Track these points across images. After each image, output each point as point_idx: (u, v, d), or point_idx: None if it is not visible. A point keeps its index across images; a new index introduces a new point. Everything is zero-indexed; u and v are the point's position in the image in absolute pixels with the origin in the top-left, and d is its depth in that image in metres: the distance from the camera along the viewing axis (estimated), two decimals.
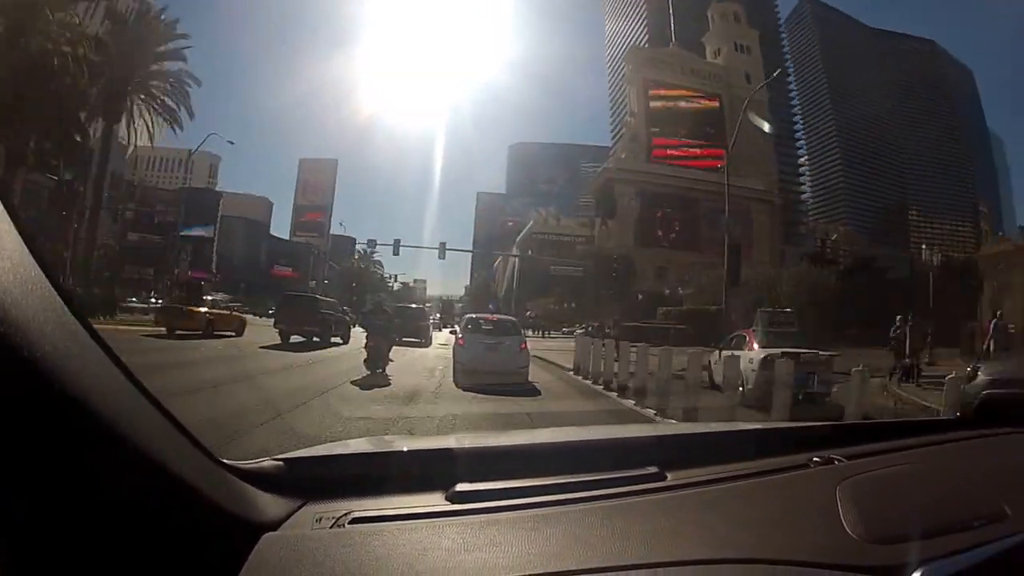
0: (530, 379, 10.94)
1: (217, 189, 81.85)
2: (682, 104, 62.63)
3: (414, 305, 26.84)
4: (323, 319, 18.19)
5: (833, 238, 68.21)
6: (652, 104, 65.02)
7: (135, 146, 36.34)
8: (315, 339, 17.39)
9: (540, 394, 9.81)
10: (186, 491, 0.73)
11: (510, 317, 15.16)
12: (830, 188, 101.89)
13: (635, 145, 63.60)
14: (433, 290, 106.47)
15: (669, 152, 63.82)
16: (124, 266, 60.11)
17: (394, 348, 12.19)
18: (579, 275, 52.23)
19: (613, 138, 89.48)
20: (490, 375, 9.61)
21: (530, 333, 40.88)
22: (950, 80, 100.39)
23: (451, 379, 10.27)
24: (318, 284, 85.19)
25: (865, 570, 0.82)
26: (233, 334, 18.68)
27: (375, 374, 10.29)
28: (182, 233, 71.01)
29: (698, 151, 64.05)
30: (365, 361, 10.60)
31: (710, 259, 59.07)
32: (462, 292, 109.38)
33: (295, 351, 14.82)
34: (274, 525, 0.86)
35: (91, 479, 0.64)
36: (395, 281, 76.96)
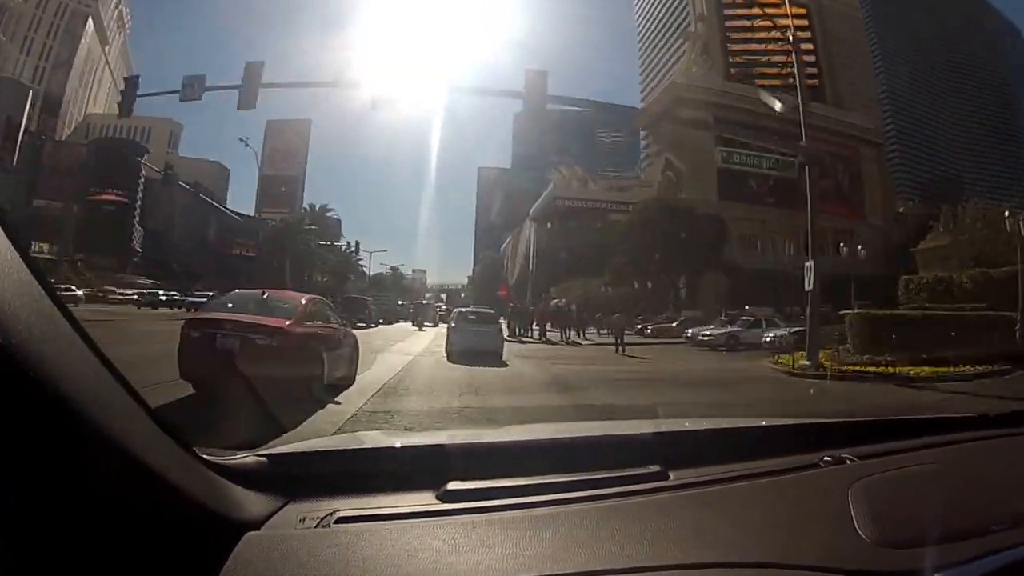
0: None
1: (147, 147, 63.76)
2: (763, 10, 45.81)
3: (425, 302, 39.74)
4: (369, 311, 28.01)
5: (900, 211, 54.32)
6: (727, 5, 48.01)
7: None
8: (362, 324, 23.75)
9: None
10: (162, 486, 0.70)
11: (489, 309, 18.30)
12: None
13: (707, 59, 46.88)
14: (432, 279, 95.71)
15: (752, 70, 46.62)
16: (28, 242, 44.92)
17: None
18: (642, 243, 35.28)
19: (642, 75, 72.35)
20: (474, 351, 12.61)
21: (585, 337, 24.10)
22: (998, 38, 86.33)
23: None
24: (293, 271, 70.32)
25: None
26: None
27: (419, 330, 26.99)
28: (90, 197, 54.03)
29: (788, 71, 47.00)
30: (413, 324, 29.81)
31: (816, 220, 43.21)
32: (464, 281, 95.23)
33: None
34: (256, 524, 0.84)
35: (62, 470, 0.61)
36: (354, 250, 61.38)
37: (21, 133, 56.77)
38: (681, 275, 34.99)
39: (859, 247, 34.81)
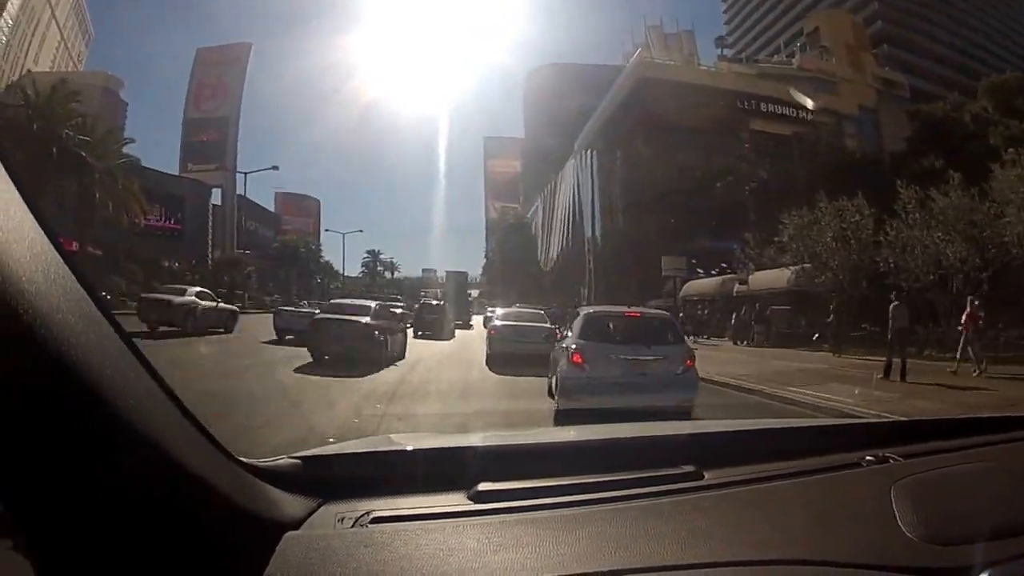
0: None
1: None
2: None
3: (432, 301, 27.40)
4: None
5: None
6: None
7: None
8: None
9: None
10: (207, 489, 0.72)
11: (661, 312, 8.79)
12: None
13: None
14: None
15: None
16: None
17: None
18: None
19: None
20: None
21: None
22: None
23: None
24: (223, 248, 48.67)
25: (925, 572, 0.78)
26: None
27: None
28: None
29: None
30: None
31: None
32: (479, 272, 73.79)
33: None
34: (295, 524, 0.86)
35: (111, 474, 0.63)
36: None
37: None
38: None
39: None
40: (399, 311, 17.15)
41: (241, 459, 0.84)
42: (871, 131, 36.87)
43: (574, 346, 6.24)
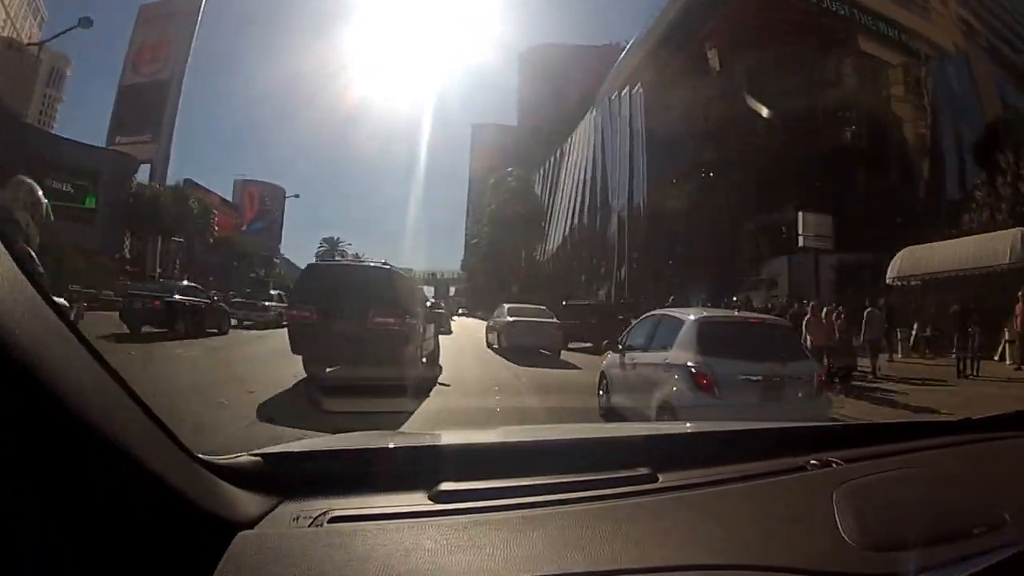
0: None
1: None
2: None
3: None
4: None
5: None
6: None
7: None
8: None
9: None
10: (159, 485, 0.71)
11: None
12: None
13: None
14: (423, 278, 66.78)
15: None
16: None
17: None
18: None
19: None
20: None
21: None
22: None
23: None
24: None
25: None
26: None
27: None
28: None
29: None
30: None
31: None
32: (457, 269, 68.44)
33: None
34: (250, 523, 0.84)
35: (56, 467, 0.62)
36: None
37: None
38: None
39: None
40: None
41: (200, 456, 0.83)
42: (964, 75, 29.94)
43: (693, 364, 4.86)
